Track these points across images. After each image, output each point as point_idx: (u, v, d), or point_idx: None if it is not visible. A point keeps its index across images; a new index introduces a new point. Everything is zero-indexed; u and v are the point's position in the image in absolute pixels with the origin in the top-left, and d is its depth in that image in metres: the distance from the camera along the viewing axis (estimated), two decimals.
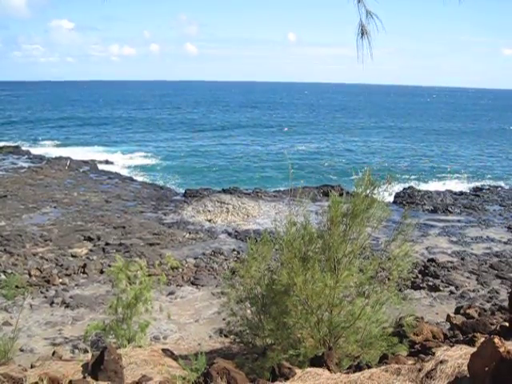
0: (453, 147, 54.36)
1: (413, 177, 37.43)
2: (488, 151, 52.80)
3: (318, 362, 5.81)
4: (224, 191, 29.52)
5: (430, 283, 16.05)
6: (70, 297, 14.50)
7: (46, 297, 14.50)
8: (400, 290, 8.01)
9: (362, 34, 4.06)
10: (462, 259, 18.83)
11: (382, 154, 48.20)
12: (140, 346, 8.63)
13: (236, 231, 21.95)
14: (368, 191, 7.27)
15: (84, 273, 16.44)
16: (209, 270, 17.15)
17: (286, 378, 5.06)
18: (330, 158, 46.68)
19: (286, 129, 68.23)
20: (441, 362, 4.40)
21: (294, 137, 61.80)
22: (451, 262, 18.26)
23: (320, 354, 6.07)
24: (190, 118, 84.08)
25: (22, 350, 10.83)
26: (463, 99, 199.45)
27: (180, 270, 16.93)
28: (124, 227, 21.69)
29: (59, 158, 38.64)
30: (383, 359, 6.15)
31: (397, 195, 28.93)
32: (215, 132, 64.25)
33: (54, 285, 15.41)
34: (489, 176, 39.08)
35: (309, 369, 5.16)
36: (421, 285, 15.97)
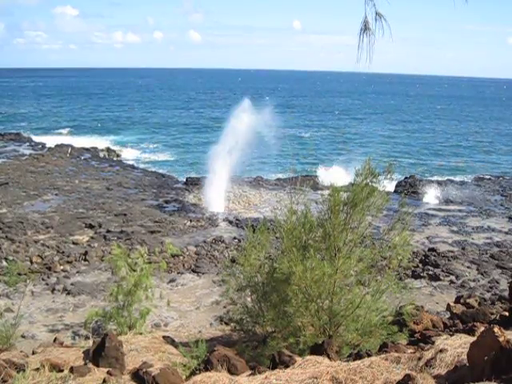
0: (458, 138, 53.92)
1: (415, 167, 37.19)
2: (491, 142, 52.48)
3: (318, 350, 5.83)
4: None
5: (431, 272, 16.09)
6: (72, 284, 14.57)
7: (47, 284, 14.56)
8: (400, 278, 8.04)
9: (365, 29, 4.01)
10: (463, 249, 18.84)
11: (387, 146, 47.78)
12: (141, 333, 8.68)
13: (237, 219, 21.95)
14: (368, 180, 7.27)
15: (85, 260, 16.49)
16: (210, 258, 17.19)
17: (286, 366, 5.08)
18: (334, 146, 46.64)
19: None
20: (440, 350, 4.42)
21: (298, 123, 61.60)
22: (452, 252, 18.28)
23: (320, 342, 6.10)
24: (196, 110, 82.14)
25: (23, 337, 10.91)
26: (469, 88, 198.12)
27: (181, 257, 16.97)
28: (125, 215, 21.71)
29: (60, 146, 38.45)
30: (383, 348, 6.17)
31: (398, 184, 28.84)
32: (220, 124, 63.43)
33: (55, 272, 15.47)
34: (491, 166, 38.86)
35: (309, 357, 5.17)
36: (421, 274, 16.01)
